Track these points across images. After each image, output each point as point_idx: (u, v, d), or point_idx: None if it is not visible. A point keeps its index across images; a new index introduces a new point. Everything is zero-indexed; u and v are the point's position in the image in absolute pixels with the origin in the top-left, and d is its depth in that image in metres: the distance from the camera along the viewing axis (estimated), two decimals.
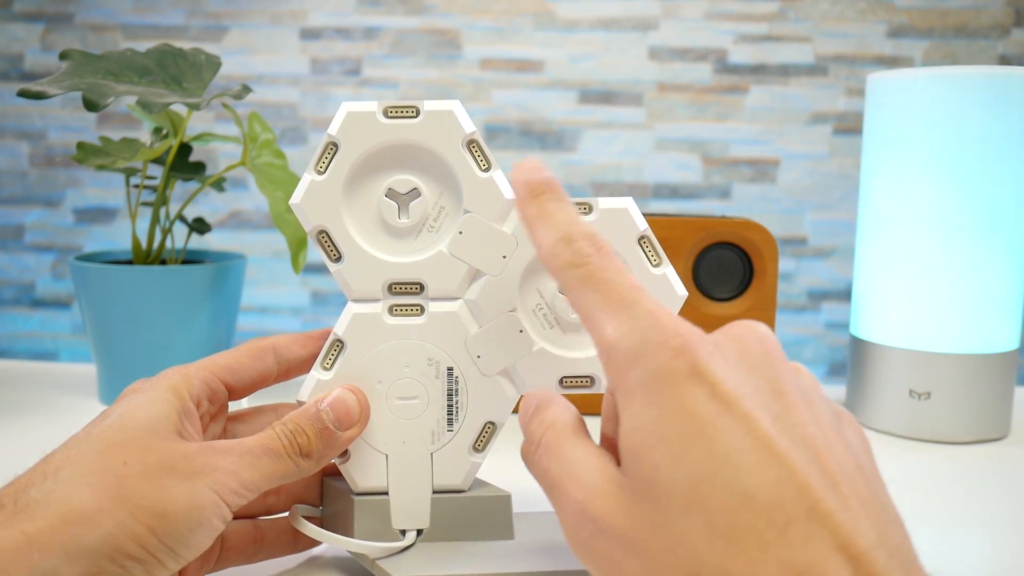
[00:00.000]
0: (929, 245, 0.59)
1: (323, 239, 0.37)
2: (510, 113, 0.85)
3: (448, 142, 0.37)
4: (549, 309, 0.38)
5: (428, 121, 0.36)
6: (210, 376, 0.35)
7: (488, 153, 0.37)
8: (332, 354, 0.37)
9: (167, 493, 0.29)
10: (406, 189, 0.37)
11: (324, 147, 0.36)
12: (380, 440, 0.37)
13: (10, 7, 0.84)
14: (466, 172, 0.37)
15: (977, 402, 0.60)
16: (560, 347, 0.38)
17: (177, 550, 0.29)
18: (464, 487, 0.38)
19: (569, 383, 0.38)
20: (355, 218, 0.37)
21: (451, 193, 0.37)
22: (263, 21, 0.84)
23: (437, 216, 0.37)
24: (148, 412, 0.31)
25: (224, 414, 0.37)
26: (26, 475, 0.29)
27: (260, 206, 0.86)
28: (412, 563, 0.35)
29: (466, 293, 0.37)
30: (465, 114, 0.37)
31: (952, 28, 0.83)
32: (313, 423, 0.34)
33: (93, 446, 0.30)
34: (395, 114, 0.36)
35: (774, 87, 0.84)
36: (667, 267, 0.37)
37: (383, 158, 0.37)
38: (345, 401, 0.35)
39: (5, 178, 0.86)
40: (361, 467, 0.37)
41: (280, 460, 0.32)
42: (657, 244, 0.37)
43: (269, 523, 0.38)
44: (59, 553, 0.27)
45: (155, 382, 0.33)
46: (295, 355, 0.37)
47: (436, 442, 0.37)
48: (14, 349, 0.88)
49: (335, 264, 0.37)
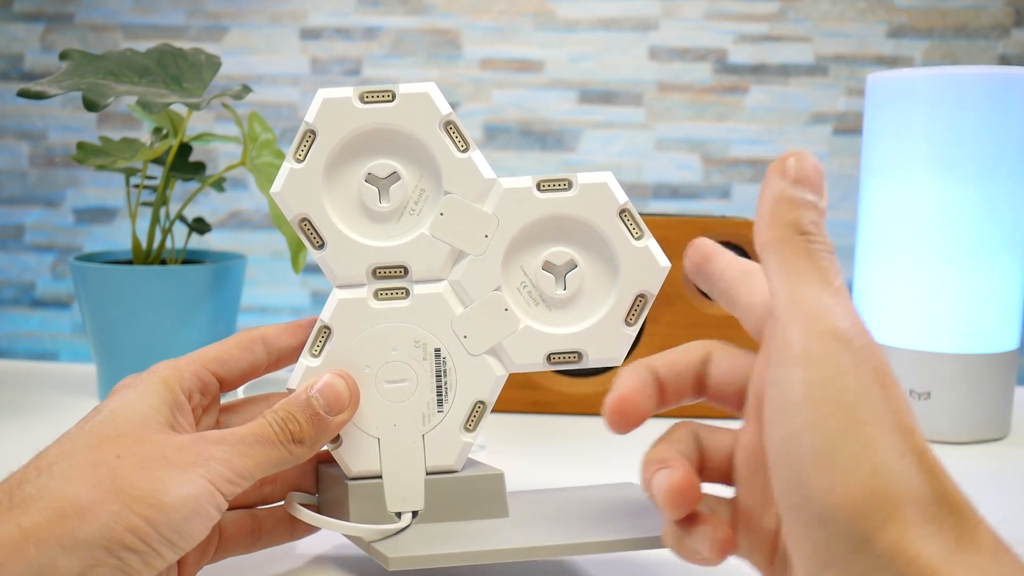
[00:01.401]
0: (929, 245, 0.59)
1: (305, 227, 0.37)
2: (510, 113, 0.85)
3: (425, 124, 0.37)
4: (533, 286, 0.38)
5: (404, 104, 0.37)
6: (200, 369, 0.35)
7: (466, 133, 0.37)
8: (320, 341, 0.37)
9: (161, 484, 0.29)
10: (386, 173, 0.37)
11: (302, 135, 0.37)
12: (371, 424, 0.37)
13: (10, 7, 0.84)
14: (444, 154, 0.37)
15: (977, 402, 0.60)
16: (546, 324, 0.38)
17: (174, 540, 0.29)
18: (457, 467, 0.38)
19: (556, 359, 0.38)
20: (336, 204, 0.37)
21: (431, 175, 0.37)
22: (263, 21, 0.84)
23: (418, 199, 0.38)
24: (140, 406, 0.32)
25: (216, 406, 0.37)
26: (20, 471, 0.29)
27: (260, 206, 0.86)
28: (408, 544, 0.35)
29: (450, 274, 0.38)
30: (441, 96, 0.37)
31: (952, 28, 0.83)
32: (304, 409, 0.34)
33: (86, 441, 0.30)
34: (371, 99, 0.37)
35: (774, 87, 0.84)
36: (649, 239, 0.38)
37: (361, 143, 0.37)
38: (335, 386, 0.35)
39: (5, 178, 0.86)
40: (354, 452, 0.37)
41: (273, 447, 0.33)
42: (638, 216, 0.38)
43: (266, 512, 0.38)
44: (55, 547, 0.27)
45: (146, 377, 0.34)
46: (284, 344, 0.37)
47: (427, 424, 0.37)
48: (14, 349, 0.88)
49: (318, 251, 0.37)
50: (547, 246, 0.38)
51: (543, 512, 0.38)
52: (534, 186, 0.37)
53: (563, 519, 0.37)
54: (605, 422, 0.32)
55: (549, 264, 0.38)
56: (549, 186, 0.37)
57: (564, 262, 0.38)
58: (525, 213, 0.37)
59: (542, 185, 0.37)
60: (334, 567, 0.39)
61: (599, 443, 0.58)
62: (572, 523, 0.36)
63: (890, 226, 0.61)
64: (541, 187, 0.37)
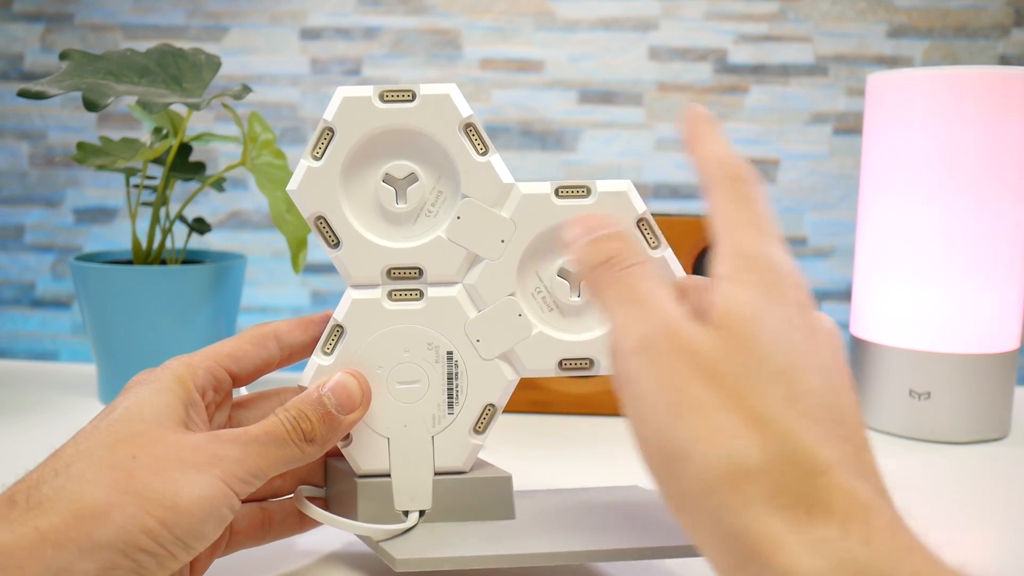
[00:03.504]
0: (929, 245, 0.59)
1: (321, 225, 0.37)
2: (510, 113, 0.85)
3: (445, 126, 0.36)
4: (548, 292, 0.38)
5: (424, 105, 0.36)
6: (214, 365, 0.35)
7: (485, 137, 0.37)
8: (332, 339, 0.37)
9: (176, 486, 0.29)
10: (403, 174, 0.37)
11: (320, 133, 0.36)
12: (381, 424, 0.37)
13: (10, 7, 0.84)
14: (463, 156, 0.37)
15: (977, 402, 0.60)
16: (559, 330, 0.38)
17: (188, 542, 0.29)
18: (465, 469, 0.38)
19: (568, 365, 0.38)
20: (353, 204, 0.37)
21: (449, 178, 0.37)
22: (263, 21, 0.84)
23: (435, 201, 0.37)
24: (154, 404, 0.32)
25: (229, 402, 0.37)
26: (37, 471, 0.29)
27: (260, 206, 0.86)
28: (415, 544, 0.35)
29: (465, 278, 0.38)
30: (462, 97, 0.37)
31: (952, 28, 0.83)
32: (316, 408, 0.34)
33: (102, 440, 0.30)
34: (391, 98, 0.36)
35: (774, 87, 0.84)
36: (666, 249, 0.37)
37: (380, 143, 0.37)
38: (346, 385, 0.36)
39: (5, 178, 0.86)
40: (363, 450, 0.37)
41: (285, 446, 0.33)
42: (656, 226, 0.37)
43: (276, 506, 0.38)
44: (73, 549, 0.27)
45: (160, 373, 0.34)
46: (297, 340, 0.38)
47: (437, 425, 0.38)
48: (14, 349, 0.88)
49: (334, 250, 0.37)
50: (563, 253, 0.38)
51: (549, 515, 0.38)
52: (552, 192, 0.37)
53: (571, 523, 0.37)
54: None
55: (564, 271, 0.38)
56: (568, 193, 0.37)
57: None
58: (543, 219, 0.37)
59: (560, 191, 0.37)
60: (342, 564, 0.39)
61: (599, 443, 0.58)
62: (581, 528, 0.37)
63: (890, 226, 0.61)
64: (559, 193, 0.37)
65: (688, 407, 0.24)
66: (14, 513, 0.27)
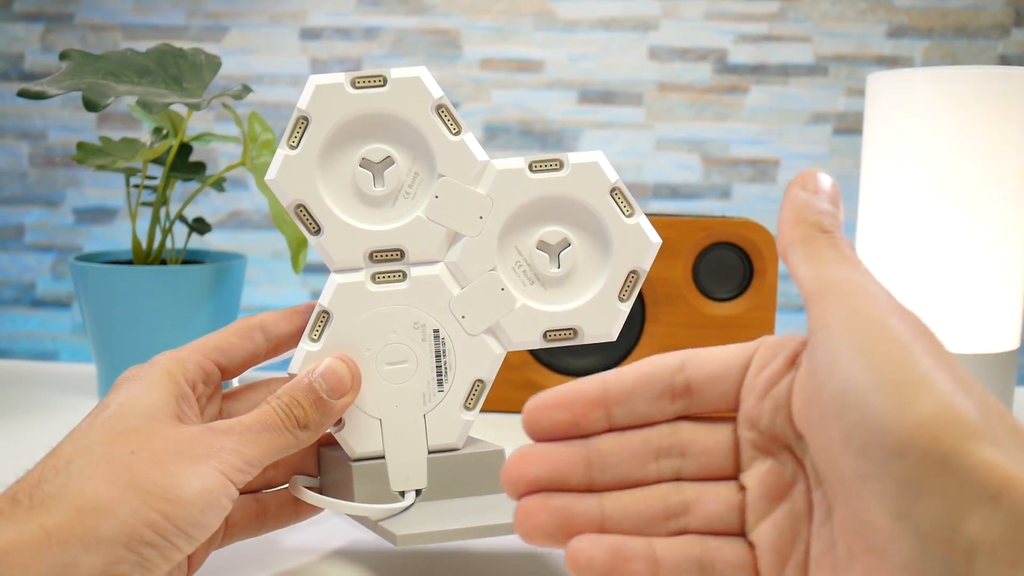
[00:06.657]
0: (929, 245, 0.59)
1: (301, 213, 0.37)
2: (510, 113, 0.85)
3: (417, 108, 0.37)
4: (528, 266, 0.39)
5: (396, 89, 0.37)
6: (202, 359, 0.36)
7: (458, 117, 0.37)
8: (319, 325, 0.37)
9: (176, 478, 0.29)
10: (380, 158, 0.38)
11: (295, 122, 0.37)
12: (373, 406, 0.38)
13: (10, 7, 0.84)
14: (437, 137, 0.37)
15: None
16: (542, 302, 0.38)
17: (190, 532, 0.29)
18: (458, 445, 0.38)
19: (553, 336, 0.38)
20: (331, 190, 0.38)
21: (424, 159, 0.38)
22: (263, 21, 0.84)
23: (412, 182, 0.38)
24: (147, 399, 0.32)
25: (219, 394, 0.37)
26: (37, 469, 0.29)
27: (260, 206, 0.86)
28: (415, 521, 0.36)
29: (446, 256, 0.38)
30: (432, 80, 0.37)
31: (952, 28, 0.83)
32: (307, 394, 0.34)
33: (99, 437, 0.30)
34: (363, 84, 0.37)
35: (774, 87, 0.84)
36: (640, 216, 0.38)
37: (355, 128, 0.37)
38: (336, 370, 0.36)
39: (5, 178, 0.86)
40: (356, 434, 0.37)
41: (279, 434, 0.33)
42: (629, 194, 0.38)
43: (271, 496, 0.38)
44: (77, 545, 0.27)
45: (149, 369, 0.34)
46: (283, 331, 0.38)
47: (428, 403, 0.38)
48: (14, 349, 0.88)
49: (315, 237, 0.37)
50: (541, 226, 0.38)
51: None
52: (527, 167, 0.38)
53: None
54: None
55: (543, 243, 0.39)
56: (541, 166, 0.38)
57: (558, 241, 0.38)
58: (519, 194, 0.38)
59: (534, 166, 0.38)
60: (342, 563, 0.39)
61: None
62: None
63: (890, 226, 0.61)
64: (533, 168, 0.38)
65: (917, 346, 0.25)
66: (18, 512, 0.27)
